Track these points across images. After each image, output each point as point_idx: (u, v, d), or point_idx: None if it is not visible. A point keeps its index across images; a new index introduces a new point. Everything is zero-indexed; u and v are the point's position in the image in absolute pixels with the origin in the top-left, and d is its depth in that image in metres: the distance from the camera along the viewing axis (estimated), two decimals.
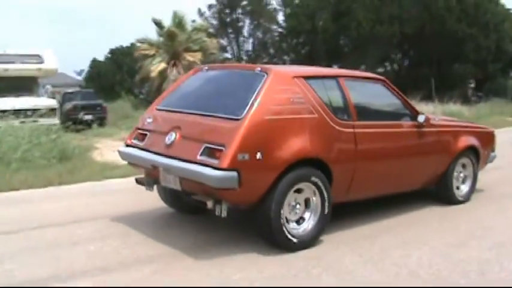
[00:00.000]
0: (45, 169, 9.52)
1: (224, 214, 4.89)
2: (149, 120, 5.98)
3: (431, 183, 6.95)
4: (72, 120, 18.58)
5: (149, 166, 5.52)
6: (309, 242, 5.23)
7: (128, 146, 6.05)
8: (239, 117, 4.89)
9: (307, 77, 5.52)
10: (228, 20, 47.91)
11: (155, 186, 5.94)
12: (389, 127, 6.15)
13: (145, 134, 5.86)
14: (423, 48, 37.71)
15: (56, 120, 17.29)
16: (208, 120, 5.20)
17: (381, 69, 43.52)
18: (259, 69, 5.41)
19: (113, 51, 53.00)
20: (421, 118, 6.36)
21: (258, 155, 4.77)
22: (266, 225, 5.01)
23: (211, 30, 39.38)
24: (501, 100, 29.54)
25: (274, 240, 5.07)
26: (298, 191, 5.20)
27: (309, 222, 5.30)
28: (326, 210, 5.34)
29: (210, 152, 4.84)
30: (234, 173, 4.65)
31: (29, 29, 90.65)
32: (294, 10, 44.82)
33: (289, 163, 4.97)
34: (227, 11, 47.77)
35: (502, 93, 32.57)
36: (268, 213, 4.94)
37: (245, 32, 48.75)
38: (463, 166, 7.26)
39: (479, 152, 7.35)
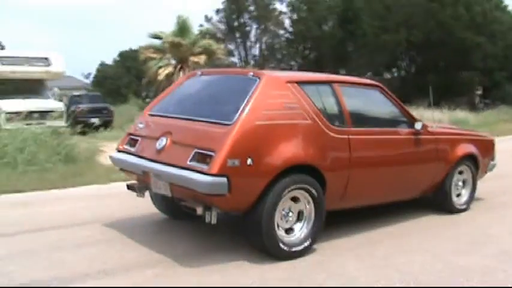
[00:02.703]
0: (50, 171, 9.55)
1: (214, 221, 4.83)
2: (141, 125, 5.93)
3: (429, 191, 6.86)
4: (78, 123, 18.62)
5: (140, 172, 5.47)
6: (301, 250, 5.14)
7: (119, 151, 5.99)
8: (230, 123, 4.83)
9: (300, 82, 5.43)
10: (235, 24, 47.95)
11: (148, 193, 5.88)
12: (385, 134, 6.07)
13: (137, 140, 5.80)
14: (430, 55, 37.75)
15: (62, 123, 17.28)
16: (199, 126, 5.14)
17: (387, 76, 43.54)
18: (251, 74, 5.35)
19: (121, 54, 53.19)
20: (418, 125, 6.29)
21: (249, 161, 4.71)
22: (257, 233, 4.93)
23: (218, 35, 39.44)
24: (508, 107, 29.47)
25: (265, 248, 4.99)
26: (292, 198, 5.14)
27: (302, 230, 5.22)
28: (320, 218, 5.26)
29: (200, 158, 4.78)
30: (224, 179, 4.58)
31: (37, 32, 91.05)
32: (301, 15, 44.88)
33: (280, 169, 4.88)
34: (234, 15, 47.81)
35: (509, 101, 32.46)
36: (259, 220, 4.86)
37: (252, 36, 48.76)
38: (462, 174, 7.17)
39: (478, 160, 7.26)
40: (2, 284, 4.43)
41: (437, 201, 7.02)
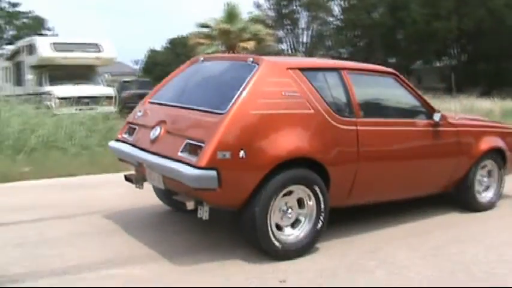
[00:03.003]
0: (102, 156, 9.67)
1: (206, 217, 4.56)
2: (139, 113, 5.70)
3: (449, 187, 6.34)
4: (129, 108, 18.82)
5: (135, 163, 5.24)
6: (301, 249, 4.79)
7: (117, 140, 5.77)
8: (222, 112, 4.51)
9: (303, 69, 5.05)
10: (285, 11, 47.80)
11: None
12: (398, 125, 5.60)
13: (135, 129, 5.60)
14: (481, 43, 36.97)
15: (113, 108, 17.55)
16: (193, 115, 4.85)
17: (438, 64, 42.84)
18: (251, 59, 4.98)
19: (171, 41, 53.59)
20: (436, 116, 5.81)
21: (241, 153, 4.37)
22: (251, 230, 4.60)
23: (268, 21, 39.30)
24: None
25: (260, 246, 4.68)
26: (290, 193, 4.78)
27: (302, 229, 4.85)
28: (322, 216, 4.90)
29: (192, 149, 4.50)
30: (213, 172, 4.28)
31: (89, 19, 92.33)
32: (351, 3, 44.48)
33: (276, 163, 4.52)
34: (284, 2, 47.65)
35: None
36: (253, 217, 4.53)
37: (302, 23, 48.53)
38: (487, 170, 6.65)
39: (505, 155, 6.70)
40: (54, 266, 4.51)
41: (459, 197, 6.51)
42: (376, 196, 5.66)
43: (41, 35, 43.10)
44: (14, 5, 53.77)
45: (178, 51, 49.35)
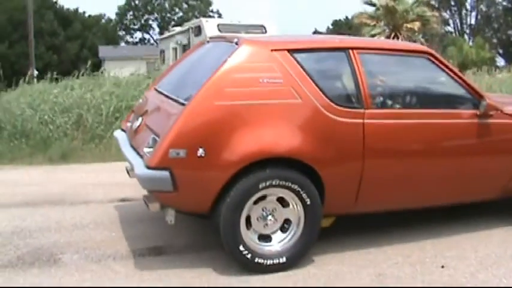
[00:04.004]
0: None
1: (172, 221, 4.04)
2: (140, 101, 5.36)
3: (507, 193, 5.08)
4: None
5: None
6: (286, 262, 4.10)
7: (122, 129, 5.40)
8: (186, 103, 3.98)
9: (294, 50, 4.23)
10: None
11: None
12: (424, 117, 4.53)
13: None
14: None
15: None
16: (167, 105, 4.36)
17: None
18: (236, 40, 4.30)
19: (335, 23, 53.58)
20: (482, 106, 4.64)
21: (200, 152, 3.77)
22: (221, 239, 4.02)
23: (433, 2, 38.05)
24: None
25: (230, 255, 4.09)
26: (264, 198, 4.09)
27: (287, 239, 4.15)
28: (312, 227, 4.14)
29: (154, 145, 3.99)
30: (165, 173, 3.75)
31: (256, 1, 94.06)
32: None
33: (244, 164, 3.84)
34: None
35: None
36: (217, 225, 3.96)
37: (468, 4, 46.44)
38: None
39: None
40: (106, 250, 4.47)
41: None
42: (397, 202, 4.71)
43: (208, 16, 44.41)
44: None
45: (343, 33, 49.18)
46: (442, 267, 4.24)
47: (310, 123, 4.09)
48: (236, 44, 4.24)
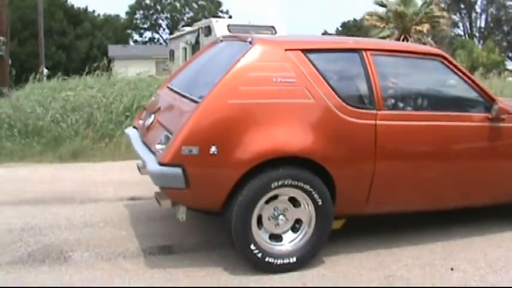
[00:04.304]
0: None
1: (183, 218, 4.07)
2: (153, 99, 5.36)
3: None
4: None
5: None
6: (296, 262, 4.12)
7: (134, 127, 5.40)
8: (199, 101, 3.99)
9: (308, 51, 4.24)
10: None
11: None
12: (436, 120, 4.52)
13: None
14: None
15: None
16: (181, 103, 4.37)
17: None
18: (250, 39, 4.31)
19: (344, 25, 53.59)
20: (494, 110, 4.65)
21: (213, 149, 3.78)
22: (232, 238, 4.04)
23: (442, 5, 37.94)
24: None
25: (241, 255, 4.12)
26: (276, 197, 4.10)
27: (298, 239, 4.17)
28: (323, 225, 4.16)
29: (167, 142, 4.01)
30: (177, 170, 3.76)
31: (262, 1, 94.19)
32: None
33: (256, 162, 3.85)
34: None
35: None
36: (229, 223, 3.98)
37: (478, 7, 46.31)
38: None
39: None
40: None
41: None
42: (409, 203, 4.72)
43: (218, 17, 44.48)
44: None
45: (352, 34, 49.19)
46: (452, 269, 4.24)
47: (322, 123, 4.10)
48: (250, 43, 4.25)
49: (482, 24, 46.49)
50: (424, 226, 5.13)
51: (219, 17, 46.91)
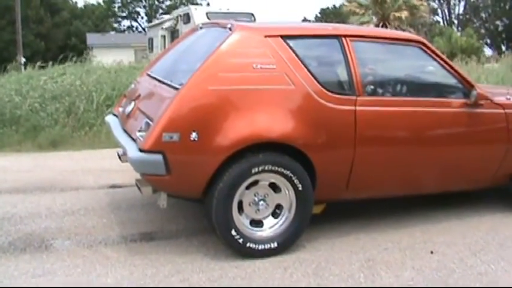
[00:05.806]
0: None
1: (164, 205, 4.08)
2: (132, 86, 5.35)
3: (496, 182, 5.17)
4: None
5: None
6: (278, 247, 4.14)
7: (113, 114, 5.36)
8: (179, 87, 3.98)
9: (287, 37, 4.24)
10: None
11: None
12: (416, 105, 4.54)
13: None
14: None
15: None
16: (160, 90, 4.36)
17: None
18: (229, 25, 4.32)
19: (323, 11, 53.68)
20: (472, 96, 4.68)
21: (193, 135, 3.78)
22: (213, 224, 4.05)
23: None
24: None
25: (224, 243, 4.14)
26: (256, 183, 4.11)
27: (278, 225, 4.18)
28: (304, 210, 4.18)
29: (147, 129, 3.98)
30: (158, 157, 3.76)
31: None
32: None
33: (236, 148, 3.86)
34: None
35: None
36: (210, 210, 4.00)
37: None
38: None
39: None
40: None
41: None
42: (389, 188, 4.77)
43: (196, 4, 44.23)
44: None
45: (330, 21, 49.35)
46: (431, 252, 4.30)
47: (302, 109, 4.11)
48: (230, 29, 4.25)
49: (461, 11, 46.81)
50: (404, 211, 5.17)
51: (197, 4, 46.73)
